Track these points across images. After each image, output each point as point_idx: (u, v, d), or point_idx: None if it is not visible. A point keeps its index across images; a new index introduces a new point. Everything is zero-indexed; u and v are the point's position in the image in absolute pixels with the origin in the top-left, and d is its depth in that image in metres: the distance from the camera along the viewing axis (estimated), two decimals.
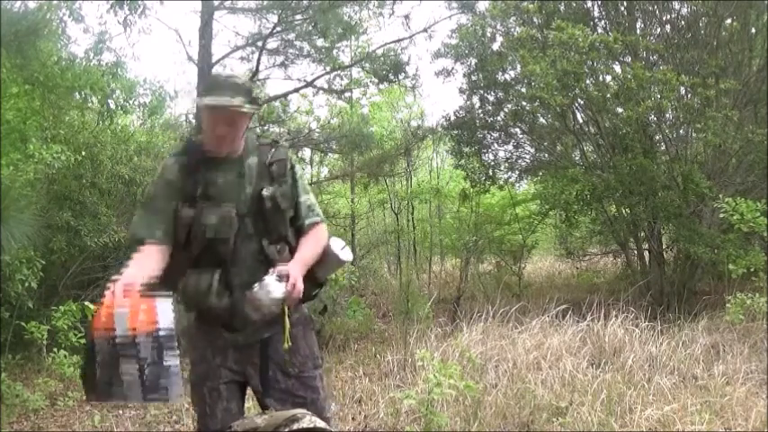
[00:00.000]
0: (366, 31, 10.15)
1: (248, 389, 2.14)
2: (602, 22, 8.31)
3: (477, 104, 9.35)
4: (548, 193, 9.58)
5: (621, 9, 8.11)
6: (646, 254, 8.18)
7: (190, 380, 2.08)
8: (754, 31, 7.55)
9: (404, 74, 9.42)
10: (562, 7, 8.02)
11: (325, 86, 9.80)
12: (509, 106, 8.98)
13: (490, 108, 9.22)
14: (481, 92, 9.21)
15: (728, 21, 7.37)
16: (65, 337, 4.47)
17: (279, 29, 8.47)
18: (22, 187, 4.28)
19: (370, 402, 4.11)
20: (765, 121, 6.82)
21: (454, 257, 11.61)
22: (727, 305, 4.68)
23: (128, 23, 6.31)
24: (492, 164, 9.64)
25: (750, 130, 6.53)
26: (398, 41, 9.37)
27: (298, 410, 1.75)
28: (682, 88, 6.80)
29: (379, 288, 10.32)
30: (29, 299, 4.84)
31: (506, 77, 8.88)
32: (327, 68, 9.33)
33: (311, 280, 2.04)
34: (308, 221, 2.09)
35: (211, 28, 8.06)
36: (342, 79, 10.13)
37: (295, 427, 1.66)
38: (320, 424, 1.71)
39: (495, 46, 8.80)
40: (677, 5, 7.78)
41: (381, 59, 9.33)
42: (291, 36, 8.77)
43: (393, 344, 5.86)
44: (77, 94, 5.61)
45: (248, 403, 2.26)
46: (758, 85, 7.14)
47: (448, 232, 11.19)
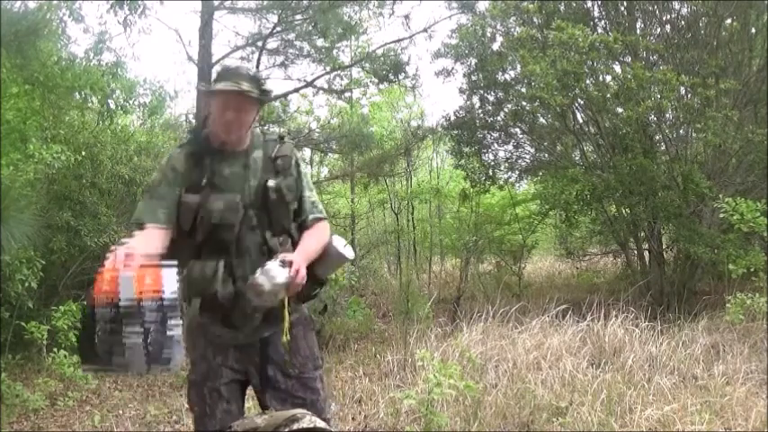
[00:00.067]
0: (366, 31, 10.18)
1: (248, 389, 2.14)
2: (602, 22, 8.31)
3: (477, 104, 9.36)
4: (548, 193, 9.58)
5: (621, 9, 8.11)
6: (646, 254, 8.18)
7: (189, 379, 2.08)
8: (754, 31, 7.55)
9: (404, 74, 9.44)
10: (562, 7, 8.02)
11: (326, 86, 9.82)
12: (509, 106, 8.98)
13: (490, 108, 9.22)
14: (481, 92, 9.21)
15: (728, 21, 7.38)
16: (65, 337, 4.47)
17: (279, 29, 8.49)
18: (22, 187, 4.27)
19: (370, 402, 4.11)
20: (765, 121, 6.82)
21: (454, 257, 11.60)
22: (727, 305, 4.68)
23: (128, 23, 6.33)
24: (492, 164, 9.64)
25: (750, 130, 6.53)
26: (398, 41, 9.40)
27: (298, 410, 1.75)
28: (682, 88, 6.80)
29: (379, 288, 10.32)
30: (29, 299, 4.84)
31: (506, 77, 8.89)
32: (327, 68, 9.34)
33: (312, 278, 2.03)
34: (311, 217, 2.11)
35: (211, 28, 8.07)
36: (342, 79, 10.16)
37: (295, 427, 1.66)
38: (320, 424, 1.71)
39: (495, 46, 8.81)
40: (677, 5, 7.79)
41: (381, 59, 9.34)
42: (291, 36, 8.79)
43: (393, 344, 5.86)
44: (77, 94, 5.61)
45: (248, 403, 2.26)
46: (758, 85, 7.14)
47: (448, 232, 11.18)
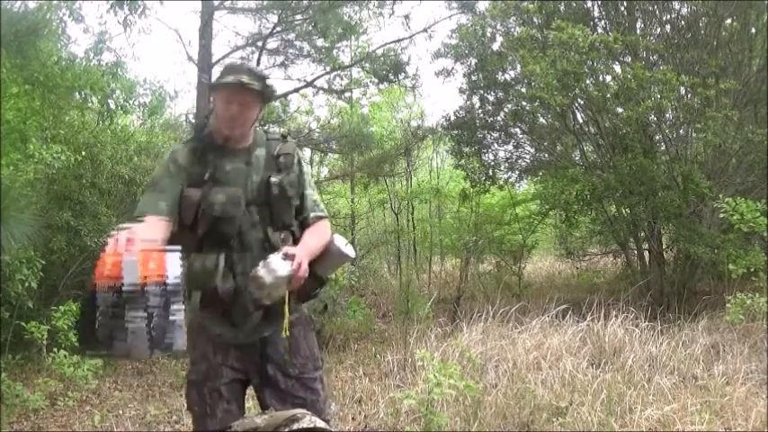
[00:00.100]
0: (366, 31, 10.18)
1: (249, 389, 2.14)
2: (602, 22, 8.31)
3: (477, 104, 9.36)
4: (548, 193, 9.58)
5: (621, 9, 8.11)
6: (646, 254, 8.18)
7: (189, 379, 2.07)
8: (754, 31, 7.55)
9: (404, 74, 9.44)
10: (562, 7, 8.03)
11: (326, 86, 9.82)
12: (509, 106, 8.98)
13: (490, 108, 9.22)
14: (481, 92, 9.21)
15: (728, 21, 7.38)
16: (65, 337, 4.47)
17: (279, 29, 8.48)
18: (22, 187, 4.27)
19: (370, 402, 4.11)
20: (765, 121, 6.82)
21: (454, 257, 11.60)
22: (727, 305, 4.68)
23: (128, 23, 6.33)
24: (492, 164, 9.64)
25: (750, 130, 6.53)
26: (398, 41, 9.40)
27: (298, 410, 1.75)
28: (682, 88, 6.80)
29: (379, 288, 10.32)
30: (29, 299, 4.84)
31: (506, 77, 8.89)
32: (327, 68, 9.34)
33: (313, 277, 2.03)
34: (312, 215, 2.12)
35: (211, 28, 8.07)
36: (342, 79, 10.16)
37: (295, 427, 1.66)
38: (320, 424, 1.71)
39: (495, 46, 8.81)
40: (677, 5, 7.79)
41: (381, 59, 9.34)
42: (291, 36, 8.79)
43: (393, 344, 5.86)
44: (77, 94, 5.60)
45: (248, 403, 2.26)
46: (758, 85, 7.14)
47: (448, 232, 11.18)
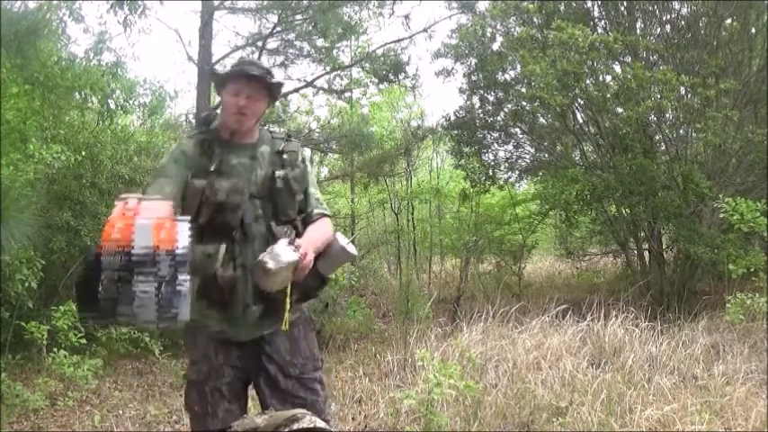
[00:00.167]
0: (366, 31, 10.19)
1: (250, 388, 2.14)
2: (602, 22, 8.31)
3: (477, 104, 9.36)
4: (548, 193, 9.58)
5: (621, 9, 8.11)
6: (646, 254, 8.18)
7: (190, 379, 2.07)
8: (754, 31, 7.55)
9: (404, 74, 9.45)
10: (562, 7, 8.02)
11: (326, 86, 9.83)
12: (509, 106, 8.98)
13: (490, 108, 9.22)
14: (481, 92, 9.21)
15: (728, 21, 7.38)
16: (65, 337, 4.47)
17: (279, 29, 8.48)
18: (22, 187, 4.26)
19: (370, 402, 4.11)
20: (765, 121, 6.82)
21: (454, 257, 11.60)
22: (727, 305, 4.68)
23: (128, 23, 6.33)
24: (492, 164, 9.64)
25: (750, 130, 6.53)
26: (398, 41, 9.41)
27: (298, 410, 1.75)
28: (682, 88, 6.80)
29: (379, 288, 10.31)
30: (29, 299, 4.83)
31: (506, 77, 8.89)
32: (327, 68, 9.34)
33: (315, 275, 2.05)
34: (316, 212, 2.14)
35: (211, 28, 8.07)
36: (342, 79, 10.17)
37: (295, 427, 1.66)
38: (320, 424, 1.71)
39: (495, 46, 8.81)
40: (677, 5, 7.79)
41: (381, 59, 9.34)
42: (291, 36, 8.79)
43: (393, 344, 5.86)
44: (77, 94, 5.60)
45: (248, 403, 2.26)
46: (758, 85, 7.14)
47: (448, 232, 11.18)
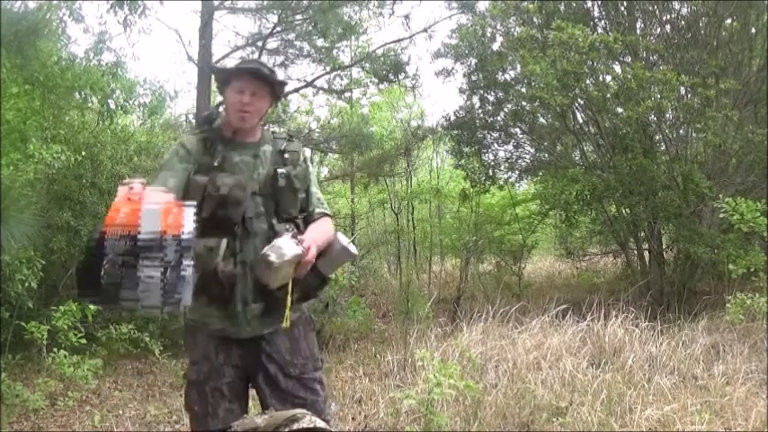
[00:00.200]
0: (366, 31, 10.19)
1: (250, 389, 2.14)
2: (602, 22, 8.31)
3: (477, 104, 9.35)
4: (548, 193, 9.58)
5: (621, 9, 8.11)
6: (646, 254, 8.18)
7: (190, 379, 2.07)
8: (754, 31, 7.55)
9: (404, 74, 9.44)
10: (562, 7, 8.02)
11: (326, 86, 9.82)
12: (509, 106, 8.98)
13: (490, 108, 9.21)
14: (481, 92, 9.21)
15: (728, 21, 7.38)
16: (65, 337, 4.46)
17: (279, 29, 8.48)
18: (22, 187, 4.26)
19: (370, 402, 4.11)
20: (765, 121, 6.82)
21: (454, 257, 11.60)
22: (727, 305, 4.68)
23: (128, 23, 6.32)
24: (492, 164, 9.64)
25: (750, 130, 6.53)
26: (398, 41, 9.41)
27: (298, 410, 1.75)
28: (682, 88, 6.80)
29: (379, 288, 10.31)
30: (29, 299, 4.83)
31: (506, 77, 8.88)
32: (327, 68, 9.34)
33: (315, 274, 2.06)
34: (317, 211, 2.16)
35: (211, 28, 8.07)
36: (342, 79, 10.17)
37: (295, 427, 1.66)
38: (320, 424, 1.71)
39: (495, 46, 8.81)
40: (677, 5, 7.79)
41: (381, 59, 9.34)
42: (291, 36, 8.78)
43: (393, 344, 5.86)
44: (77, 94, 5.60)
45: (249, 403, 2.26)
46: (758, 85, 7.14)
47: (448, 232, 11.18)
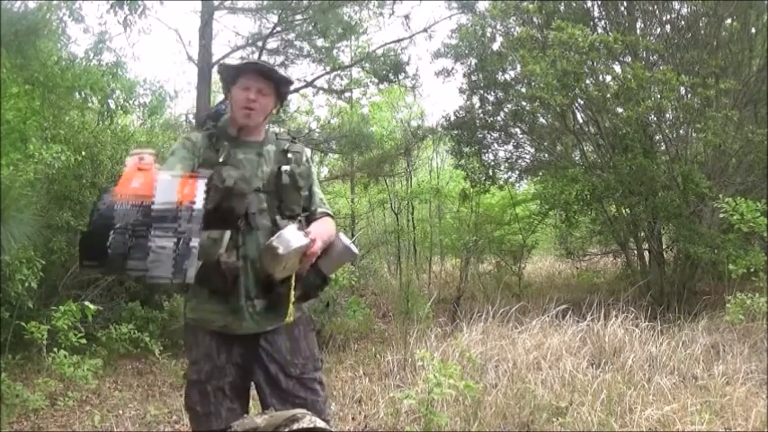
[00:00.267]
0: (366, 31, 10.20)
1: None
2: (602, 22, 8.31)
3: (477, 104, 9.35)
4: (548, 193, 9.56)
5: (621, 9, 8.11)
6: (646, 254, 8.17)
7: (191, 379, 2.07)
8: (754, 31, 7.55)
9: (404, 74, 9.45)
10: (562, 7, 8.02)
11: (326, 86, 9.83)
12: (509, 106, 8.98)
13: (490, 108, 9.21)
14: (481, 92, 9.21)
15: (728, 21, 7.38)
16: (65, 337, 4.46)
17: (279, 29, 8.48)
18: (22, 187, 4.25)
19: (370, 402, 4.10)
20: (765, 121, 6.82)
21: (454, 257, 11.59)
22: (727, 305, 4.68)
23: (128, 23, 6.31)
24: (492, 164, 9.64)
25: (750, 130, 6.53)
26: (398, 41, 9.41)
27: (298, 410, 1.75)
28: (682, 88, 6.79)
29: (379, 288, 10.30)
30: (29, 299, 4.83)
31: (506, 77, 8.88)
32: (327, 68, 9.34)
33: (316, 273, 2.07)
34: (319, 210, 2.18)
35: (211, 28, 8.07)
36: (342, 79, 10.17)
37: (295, 427, 1.66)
38: (320, 424, 1.71)
39: (495, 46, 8.81)
40: (677, 5, 7.79)
41: (381, 59, 9.34)
42: (291, 36, 8.79)
43: (393, 344, 5.86)
44: (77, 94, 5.59)
45: (249, 402, 2.26)
46: (758, 85, 7.13)
47: (448, 232, 11.18)
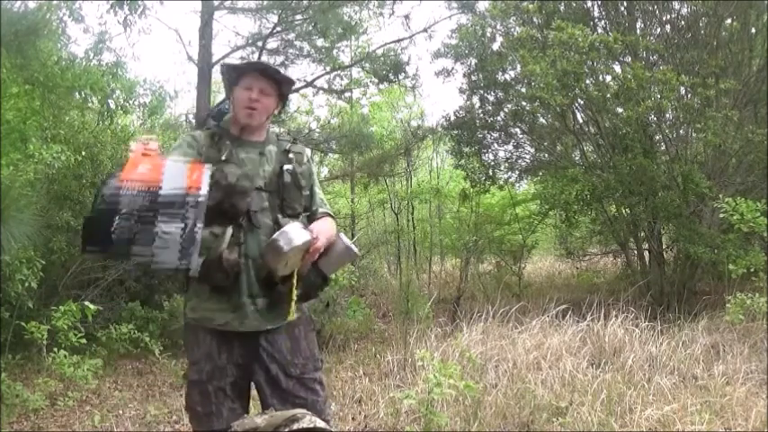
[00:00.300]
0: (366, 31, 10.20)
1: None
2: (602, 22, 8.31)
3: (477, 104, 9.35)
4: (548, 193, 9.56)
5: (621, 9, 8.11)
6: (646, 254, 8.17)
7: (191, 379, 2.07)
8: (754, 31, 7.54)
9: (404, 74, 9.44)
10: (562, 7, 8.02)
11: (326, 86, 9.82)
12: (509, 106, 8.98)
13: (490, 108, 9.21)
14: (481, 92, 9.21)
15: (728, 21, 7.38)
16: (65, 337, 4.46)
17: (279, 29, 8.48)
18: (22, 187, 4.25)
19: (370, 402, 4.10)
20: (765, 121, 6.82)
21: (454, 257, 11.59)
22: (727, 305, 4.68)
23: (128, 23, 6.31)
24: (492, 164, 9.64)
25: (750, 130, 6.52)
26: (398, 41, 9.41)
27: (298, 410, 1.75)
28: (682, 88, 6.79)
29: (379, 288, 10.30)
30: (29, 299, 4.82)
31: (506, 77, 8.88)
32: (327, 68, 9.34)
33: (317, 273, 2.07)
34: (321, 210, 2.19)
35: (211, 28, 8.07)
36: (342, 79, 10.17)
37: (295, 427, 1.66)
38: (320, 424, 1.71)
39: (495, 46, 8.81)
40: (677, 5, 7.78)
41: (381, 59, 9.34)
42: (291, 36, 8.78)
43: (393, 344, 5.86)
44: (77, 94, 5.60)
45: (250, 402, 2.26)
46: (758, 85, 7.13)
47: (448, 232, 11.18)
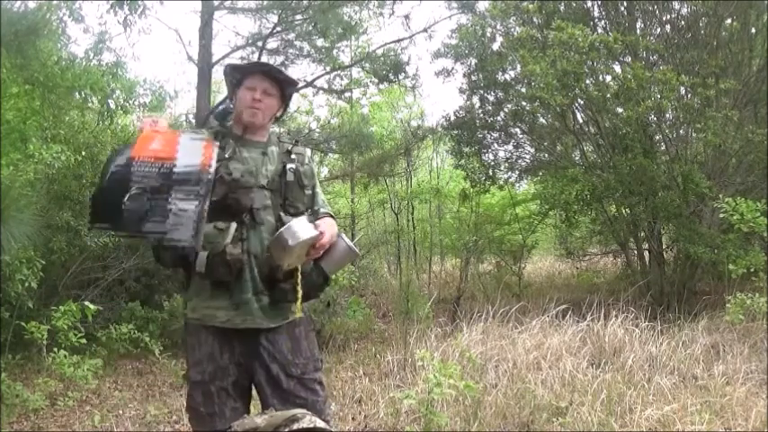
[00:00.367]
0: (366, 31, 10.19)
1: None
2: (602, 22, 8.31)
3: (477, 104, 9.35)
4: (548, 193, 9.56)
5: (621, 9, 8.11)
6: (646, 254, 8.17)
7: (193, 380, 2.07)
8: (754, 31, 7.54)
9: (404, 74, 9.44)
10: (562, 7, 8.02)
11: (326, 86, 9.82)
12: (509, 106, 8.98)
13: (490, 108, 9.21)
14: (481, 92, 9.21)
15: (728, 21, 7.38)
16: (65, 337, 4.46)
17: (279, 29, 8.48)
18: (22, 187, 4.25)
19: (370, 402, 4.11)
20: (765, 121, 6.82)
21: (454, 257, 11.60)
22: (727, 305, 4.68)
23: (128, 23, 6.30)
24: (492, 164, 9.64)
25: (750, 130, 6.53)
26: (398, 41, 9.40)
27: (298, 410, 1.75)
28: (682, 88, 6.79)
29: (379, 288, 10.30)
30: (29, 299, 4.82)
31: (506, 77, 8.88)
32: (327, 68, 9.34)
33: (318, 273, 2.08)
34: (322, 210, 2.20)
35: (211, 28, 8.07)
36: (342, 79, 10.17)
37: (295, 427, 1.66)
38: (320, 424, 1.71)
39: (495, 46, 8.81)
40: (677, 5, 7.78)
41: (381, 59, 9.34)
42: (291, 36, 8.78)
43: (393, 344, 5.86)
44: (77, 94, 5.60)
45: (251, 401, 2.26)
46: (758, 85, 7.13)
47: (448, 232, 11.18)
